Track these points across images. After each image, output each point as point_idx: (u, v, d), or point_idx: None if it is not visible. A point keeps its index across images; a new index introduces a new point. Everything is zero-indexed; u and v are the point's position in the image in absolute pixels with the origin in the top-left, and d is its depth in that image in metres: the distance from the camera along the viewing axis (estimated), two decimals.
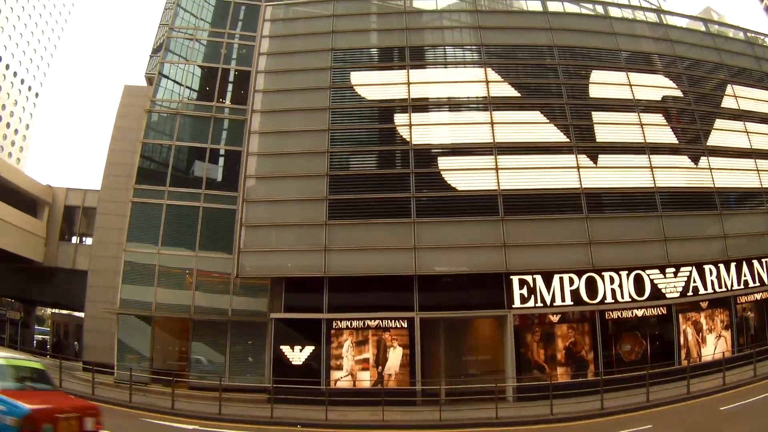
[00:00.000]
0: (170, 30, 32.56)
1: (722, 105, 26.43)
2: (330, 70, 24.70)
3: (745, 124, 26.02)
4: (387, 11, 27.50)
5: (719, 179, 24.34)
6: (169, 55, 31.96)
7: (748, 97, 26.93)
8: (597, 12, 32.42)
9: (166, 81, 31.47)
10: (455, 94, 24.74)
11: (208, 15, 34.23)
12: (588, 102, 25.08)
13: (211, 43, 32.80)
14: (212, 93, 31.19)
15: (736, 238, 23.53)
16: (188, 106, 30.67)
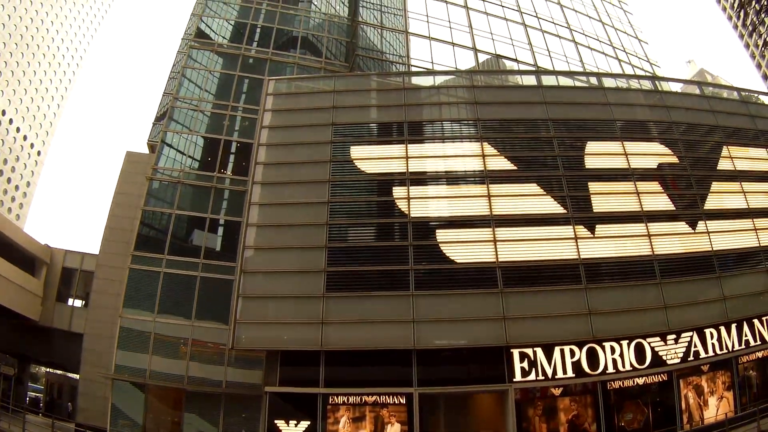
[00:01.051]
0: (174, 99, 33.38)
1: (718, 167, 26.75)
2: (330, 144, 25.18)
3: (741, 184, 26.28)
4: (386, 87, 28.28)
5: (717, 242, 24.38)
6: (173, 124, 32.66)
7: (744, 156, 27.29)
8: (591, 83, 33.39)
9: (169, 149, 32.01)
10: (453, 168, 25.14)
11: (212, 86, 35.15)
12: (584, 173, 25.39)
13: (214, 114, 33.57)
14: (214, 163, 31.68)
15: (736, 299, 23.40)
16: (189, 176, 31.08)
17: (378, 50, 35.89)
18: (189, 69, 34.93)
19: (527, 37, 39.68)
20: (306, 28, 39.18)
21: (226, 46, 36.72)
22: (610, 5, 52.57)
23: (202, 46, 36.36)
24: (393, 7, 38.67)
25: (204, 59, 36.00)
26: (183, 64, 35.51)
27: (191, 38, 36.88)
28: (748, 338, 22.99)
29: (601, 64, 42.07)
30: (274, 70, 34.73)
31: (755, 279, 24.57)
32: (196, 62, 35.58)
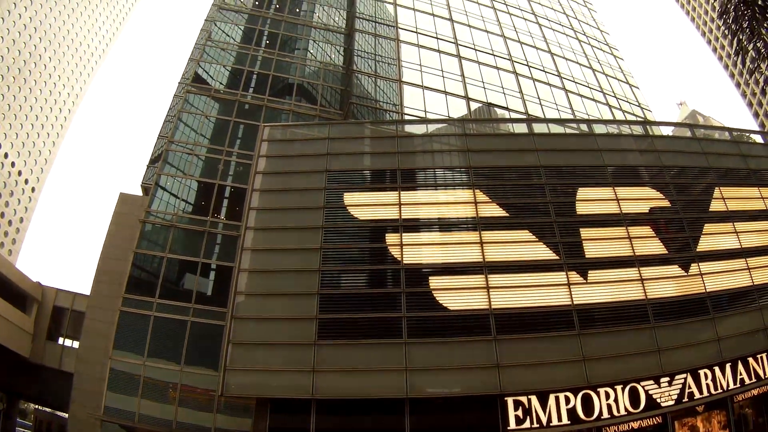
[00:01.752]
0: (169, 143, 33.61)
1: (711, 208, 26.92)
2: (324, 190, 25.33)
3: (734, 224, 26.39)
4: (380, 135, 28.67)
5: (711, 283, 24.38)
6: (167, 167, 32.82)
7: (736, 197, 27.48)
8: (582, 130, 33.95)
9: (163, 192, 32.10)
10: (445, 215, 25.30)
11: (207, 131, 35.51)
12: (576, 219, 25.55)
13: (209, 159, 33.81)
14: (207, 208, 31.76)
15: (730, 339, 23.32)
16: (182, 219, 31.13)
17: (372, 98, 36.55)
18: (185, 113, 35.32)
19: (518, 86, 40.54)
20: (302, 75, 39.96)
21: (223, 91, 37.30)
22: (601, 51, 53.85)
23: (199, 91, 36.87)
24: (387, 56, 39.56)
25: (200, 104, 36.48)
26: (179, 107, 35.94)
27: (188, 82, 37.40)
28: (743, 376, 22.86)
29: (591, 110, 42.85)
30: (269, 117, 35.26)
31: (749, 317, 24.58)
32: (193, 106, 36.04)
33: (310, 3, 46.88)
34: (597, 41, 55.85)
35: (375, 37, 40.97)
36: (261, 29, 42.13)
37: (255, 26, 42.20)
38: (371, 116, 35.23)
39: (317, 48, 43.05)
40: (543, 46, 48.44)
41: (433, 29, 43.50)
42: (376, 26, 42.12)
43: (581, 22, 58.13)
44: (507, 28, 48.30)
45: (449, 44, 42.39)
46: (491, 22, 48.13)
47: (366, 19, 42.45)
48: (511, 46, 45.64)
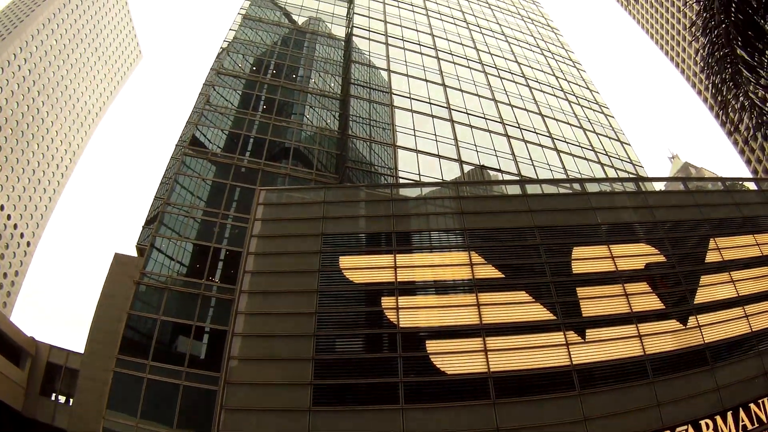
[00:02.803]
0: (166, 204, 33.77)
1: (706, 260, 26.84)
2: (319, 254, 25.30)
3: (730, 273, 26.26)
4: (375, 198, 28.96)
5: (709, 334, 24.11)
6: (163, 229, 32.88)
7: (731, 246, 27.43)
8: (575, 189, 34.33)
9: (158, 254, 32.08)
10: (441, 277, 25.24)
11: (204, 193, 35.77)
12: (572, 278, 25.48)
13: (204, 221, 33.93)
14: (202, 270, 31.68)
15: (730, 387, 22.84)
16: (177, 282, 31.01)
17: (367, 162, 37.12)
18: (182, 175, 35.68)
19: (510, 148, 41.30)
20: (298, 140, 40.74)
21: (220, 154, 37.81)
22: (591, 111, 55.10)
23: (197, 154, 37.37)
24: (382, 121, 40.44)
25: (197, 166, 36.91)
26: (176, 170, 36.32)
27: (186, 145, 37.95)
28: (744, 423, 22.25)
29: (584, 169, 43.46)
30: (265, 180, 35.68)
31: (748, 364, 24.19)
32: (190, 169, 36.44)
33: (306, 69, 48.33)
34: (587, 101, 57.25)
35: (370, 102, 41.99)
36: (258, 94, 43.21)
37: (252, 91, 43.31)
38: (366, 180, 35.66)
39: (313, 113, 44.04)
40: (534, 108, 49.64)
41: (426, 94, 44.70)
42: (370, 92, 43.22)
43: (571, 83, 59.76)
44: (498, 91, 49.65)
45: (442, 109, 43.44)
46: (482, 86, 49.50)
47: (361, 85, 43.60)
48: (503, 109, 46.78)
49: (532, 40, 67.87)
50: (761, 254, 27.61)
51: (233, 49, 47.45)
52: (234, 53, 47.03)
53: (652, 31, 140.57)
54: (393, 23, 55.68)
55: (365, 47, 49.13)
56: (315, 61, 49.90)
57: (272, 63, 47.01)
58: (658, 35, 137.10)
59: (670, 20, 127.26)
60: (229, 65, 45.71)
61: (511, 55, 60.04)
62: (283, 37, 51.91)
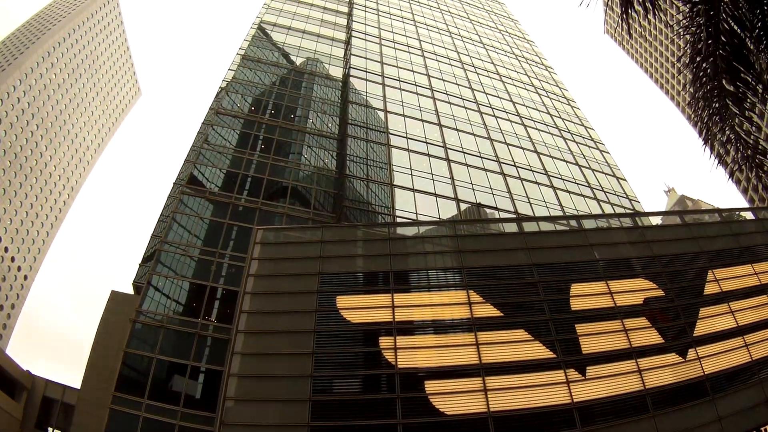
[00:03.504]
0: (163, 243, 33.73)
1: (705, 292, 26.73)
2: (317, 293, 25.19)
3: (729, 304, 26.12)
4: (372, 237, 28.96)
5: (709, 366, 23.85)
6: (160, 267, 32.79)
7: (730, 276, 27.37)
8: (572, 226, 34.38)
9: (154, 292, 31.95)
10: (440, 316, 25.06)
11: (201, 232, 35.79)
12: (571, 315, 25.33)
13: (201, 260, 33.86)
14: (199, 309, 31.49)
15: (732, 416, 22.53)
16: (173, 320, 30.82)
17: (365, 201, 37.28)
18: (179, 214, 35.74)
19: (506, 186, 41.57)
20: (296, 179, 40.99)
21: (218, 193, 37.94)
22: (586, 147, 55.62)
23: (194, 193, 37.51)
24: (379, 161, 40.79)
25: (195, 205, 37.00)
26: (174, 208, 36.39)
27: (184, 183, 38.13)
28: None
29: (580, 205, 43.65)
30: (263, 219, 35.76)
31: (750, 393, 23.85)
32: (187, 207, 36.52)
33: (304, 109, 48.98)
34: (582, 137, 57.89)
35: (367, 142, 42.41)
36: (256, 134, 43.67)
37: (251, 131, 43.77)
38: (364, 219, 35.73)
39: (311, 152, 44.44)
40: (529, 146, 50.17)
41: (422, 134, 45.21)
42: (367, 132, 43.68)
43: (565, 120, 60.53)
44: (494, 130, 50.24)
45: (438, 148, 43.85)
46: (478, 125, 50.11)
47: (358, 125, 44.11)
48: (498, 147, 47.27)
49: (527, 79, 69.03)
50: (759, 283, 27.60)
51: (232, 88, 48.12)
52: (233, 93, 47.68)
53: (646, 65, 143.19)
54: (389, 64, 56.68)
55: (362, 88, 49.90)
56: (313, 101, 50.62)
57: (270, 103, 47.64)
58: (653, 69, 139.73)
59: (664, 53, 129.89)
60: (228, 105, 46.29)
61: (506, 94, 60.97)
62: (282, 77, 52.73)
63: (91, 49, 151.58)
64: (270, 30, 59.12)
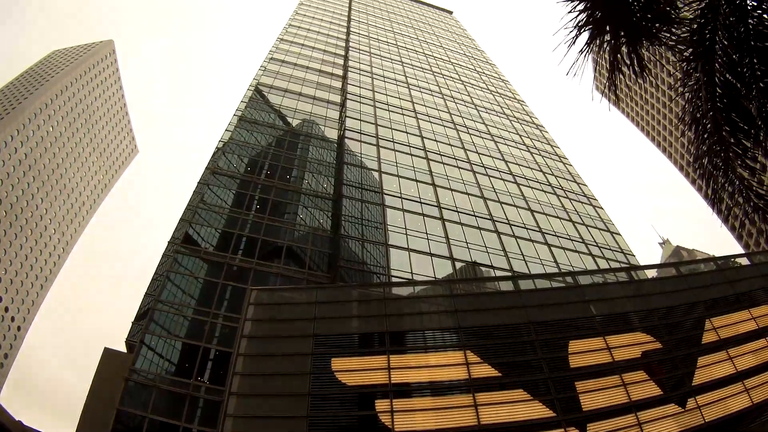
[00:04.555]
0: (156, 302, 33.53)
1: (703, 341, 26.41)
2: (311, 355, 24.82)
3: (727, 351, 25.80)
4: (367, 298, 28.82)
5: (709, 413, 23.32)
6: (153, 326, 32.50)
7: (727, 323, 27.10)
8: (567, 282, 34.35)
9: (147, 350, 31.57)
10: (437, 378, 24.62)
11: (195, 291, 35.58)
12: (570, 373, 24.94)
13: (195, 320, 33.53)
14: (191, 369, 31.03)
15: None
16: (166, 380, 30.40)
17: (360, 261, 37.28)
18: (173, 273, 35.60)
19: (501, 244, 41.72)
20: (291, 239, 41.02)
21: (212, 253, 37.88)
22: (579, 203, 56.16)
23: (189, 252, 37.45)
24: (373, 220, 41.05)
25: (189, 264, 36.91)
26: (168, 267, 36.29)
27: (179, 242, 38.12)
28: None
29: (575, 261, 43.72)
30: (257, 279, 35.60)
31: None
32: (182, 266, 36.42)
33: (300, 170, 49.58)
34: (575, 193, 58.55)
35: (362, 202, 42.77)
36: (252, 194, 43.98)
37: (246, 191, 44.12)
38: (359, 279, 35.61)
39: (306, 213, 44.70)
40: (522, 203, 50.67)
41: (416, 194, 45.69)
42: (362, 192, 44.12)
43: (558, 177, 61.36)
44: (487, 189, 50.85)
45: (432, 207, 44.25)
46: (471, 185, 50.75)
47: (353, 186, 44.60)
48: (492, 206, 47.74)
49: (519, 138, 70.38)
50: (758, 327, 27.40)
51: (229, 149, 48.80)
52: (229, 153, 48.32)
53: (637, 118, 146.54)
54: (384, 126, 57.82)
55: (357, 149, 50.74)
56: (308, 162, 51.27)
57: (267, 163, 48.20)
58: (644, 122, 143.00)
59: (655, 104, 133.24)
60: (225, 165, 46.82)
61: (499, 153, 62.03)
62: (278, 138, 53.57)
63: (88, 103, 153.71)
64: (267, 92, 60.50)
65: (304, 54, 76.14)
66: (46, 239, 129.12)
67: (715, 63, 9.83)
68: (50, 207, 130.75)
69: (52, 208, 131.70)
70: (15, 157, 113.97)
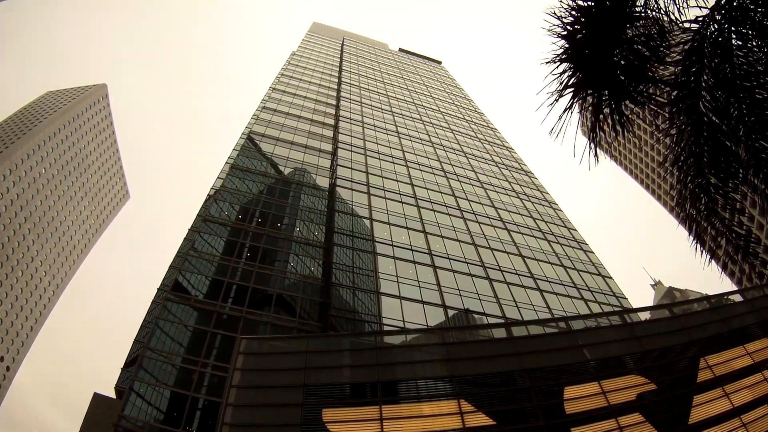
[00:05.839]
0: (145, 349, 33.11)
1: (698, 380, 26.06)
2: (302, 406, 24.32)
3: (723, 388, 25.40)
4: (359, 347, 28.47)
5: None
6: (142, 373, 32.05)
7: (722, 361, 26.84)
8: (561, 328, 34.16)
9: (136, 397, 31.08)
10: (430, 428, 24.04)
11: (184, 339, 35.14)
12: (565, 419, 24.52)
13: (184, 368, 33.03)
14: (180, 418, 30.45)
15: None
16: (155, 429, 29.86)
17: (351, 309, 36.99)
18: (162, 320, 35.21)
19: (493, 290, 41.63)
20: (281, 287, 40.66)
21: (202, 300, 37.52)
22: (570, 248, 56.39)
23: (178, 299, 37.11)
24: (365, 268, 40.94)
25: (179, 311, 36.55)
26: (157, 314, 35.91)
27: (168, 290, 37.80)
28: None
29: (568, 306, 43.60)
30: (247, 328, 35.17)
31: None
32: (171, 314, 36.03)
33: (291, 218, 49.65)
34: (565, 238, 58.85)
35: (353, 250, 42.76)
36: (243, 242, 43.84)
37: (237, 239, 43.99)
38: (350, 327, 35.25)
39: (297, 261, 44.53)
40: (513, 250, 50.84)
41: (407, 241, 45.74)
42: (353, 240, 44.17)
43: (548, 223, 61.78)
44: (477, 236, 51.06)
45: (424, 255, 44.27)
46: (462, 232, 50.98)
47: (344, 234, 44.67)
48: (483, 252, 47.84)
49: (508, 185, 71.14)
50: (753, 362, 27.18)
51: (220, 196, 48.92)
52: (221, 201, 48.41)
53: (625, 162, 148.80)
54: (374, 174, 58.37)
55: (348, 197, 51.04)
56: (300, 210, 51.35)
57: (258, 211, 48.26)
58: (632, 165, 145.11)
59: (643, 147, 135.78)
60: (216, 212, 46.84)
61: (489, 200, 62.58)
62: (269, 186, 53.82)
63: (81, 146, 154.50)
64: (259, 140, 61.12)
65: (296, 103, 77.39)
66: (37, 281, 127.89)
67: (699, 105, 10.00)
68: (41, 249, 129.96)
69: (43, 250, 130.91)
70: (7, 197, 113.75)
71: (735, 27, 9.60)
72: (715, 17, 9.73)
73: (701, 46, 9.82)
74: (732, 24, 9.60)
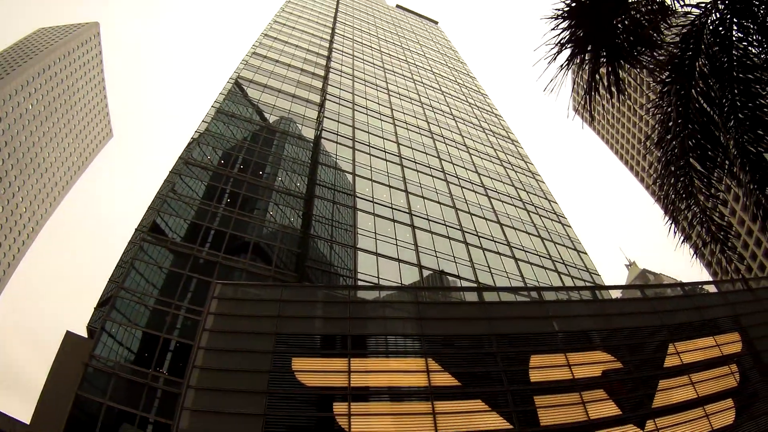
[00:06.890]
0: (119, 289, 33.02)
1: (665, 365, 26.79)
2: (272, 353, 24.62)
3: (689, 376, 26.17)
4: (332, 300, 28.75)
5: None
6: (114, 314, 32.04)
7: (691, 349, 27.51)
8: (532, 297, 34.78)
9: (108, 337, 31.17)
10: (397, 383, 24.66)
11: (159, 281, 35.09)
12: (529, 387, 25.19)
13: (157, 310, 33.07)
14: (151, 359, 30.69)
15: None
16: (125, 369, 30.04)
17: (327, 262, 37.17)
18: (138, 261, 35.05)
19: (469, 255, 42.05)
20: (259, 235, 40.69)
21: (179, 244, 37.37)
22: (549, 220, 56.96)
23: (155, 241, 36.91)
24: (344, 223, 40.99)
25: (155, 253, 36.38)
26: (133, 255, 35.71)
27: (146, 231, 37.53)
28: None
29: (541, 277, 44.27)
30: (223, 273, 35.21)
31: None
32: (147, 255, 35.86)
33: (273, 167, 49.21)
34: (545, 210, 59.37)
35: (333, 203, 42.71)
36: (224, 187, 43.50)
37: (218, 184, 43.62)
38: (325, 280, 35.50)
39: (277, 210, 44.38)
40: (492, 216, 51.20)
41: (388, 199, 45.82)
42: (335, 194, 44.07)
43: (529, 193, 62.17)
44: (458, 199, 51.26)
45: (404, 214, 44.42)
46: (444, 194, 51.11)
47: (326, 187, 44.51)
48: (462, 217, 48.13)
49: (493, 152, 71.14)
50: (722, 354, 27.88)
51: (204, 140, 48.21)
52: (204, 145, 47.74)
53: (612, 141, 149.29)
54: (361, 129, 57.88)
55: (332, 150, 50.66)
56: (283, 159, 50.92)
57: (240, 158, 47.75)
58: (618, 145, 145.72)
59: (631, 128, 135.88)
60: (198, 156, 46.23)
61: (472, 165, 62.61)
62: (254, 133, 53.11)
63: (69, 83, 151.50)
64: (246, 86, 59.99)
65: (287, 51, 75.77)
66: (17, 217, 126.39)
67: (692, 89, 10.00)
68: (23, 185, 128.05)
69: (24, 186, 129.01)
70: None
71: (737, 18, 9.55)
72: (718, 5, 9.67)
73: (700, 32, 9.77)
74: (734, 15, 9.54)
